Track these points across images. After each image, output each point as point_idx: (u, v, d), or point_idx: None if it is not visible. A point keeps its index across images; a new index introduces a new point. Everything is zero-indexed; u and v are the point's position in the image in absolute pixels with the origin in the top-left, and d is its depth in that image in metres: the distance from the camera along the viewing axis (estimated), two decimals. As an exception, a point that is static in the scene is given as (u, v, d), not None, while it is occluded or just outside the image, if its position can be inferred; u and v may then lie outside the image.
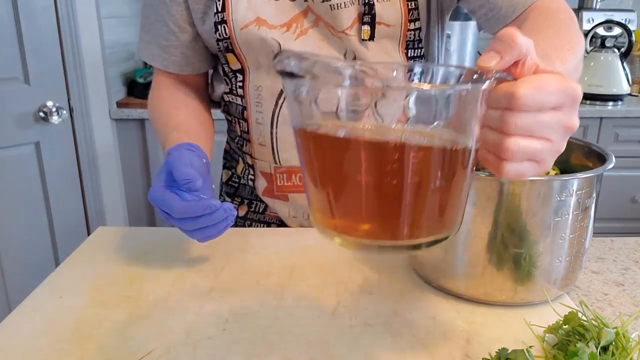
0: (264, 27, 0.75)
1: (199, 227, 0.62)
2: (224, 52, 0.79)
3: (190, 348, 0.54)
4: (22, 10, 1.55)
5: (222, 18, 0.76)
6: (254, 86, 0.79)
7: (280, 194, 0.85)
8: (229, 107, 0.86)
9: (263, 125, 0.81)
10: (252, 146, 0.84)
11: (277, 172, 0.83)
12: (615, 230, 2.14)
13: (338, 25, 0.76)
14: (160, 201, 0.62)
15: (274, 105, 0.79)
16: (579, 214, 0.57)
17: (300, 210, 0.86)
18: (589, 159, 0.66)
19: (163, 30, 0.82)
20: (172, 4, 0.79)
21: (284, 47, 0.75)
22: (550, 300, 0.58)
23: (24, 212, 1.67)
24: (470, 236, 0.58)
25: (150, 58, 0.85)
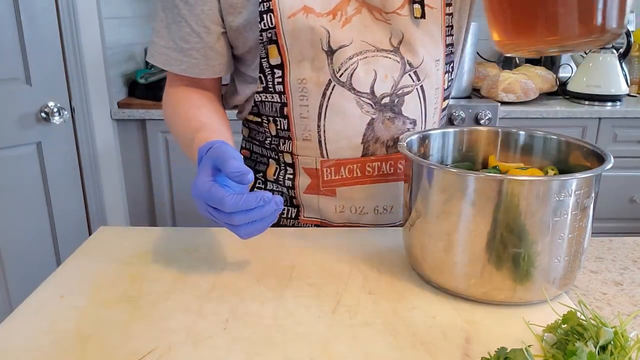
0: (311, 15, 0.75)
1: (248, 222, 0.60)
2: (266, 44, 0.77)
3: (190, 347, 0.54)
4: (23, 11, 1.56)
5: (268, 7, 0.74)
6: (296, 80, 0.78)
7: (326, 189, 0.84)
8: (261, 107, 0.84)
9: (308, 119, 0.80)
10: (293, 143, 0.83)
11: (323, 166, 0.82)
12: (614, 230, 2.14)
13: (389, 6, 0.77)
14: (207, 196, 0.60)
15: (321, 97, 0.78)
16: (577, 214, 0.57)
17: (348, 204, 0.84)
18: (587, 159, 0.66)
19: (184, 32, 0.80)
20: (198, 2, 0.78)
21: (332, 35, 0.75)
22: (549, 300, 0.58)
23: (25, 212, 1.68)
24: (469, 236, 0.59)
25: (165, 63, 0.83)
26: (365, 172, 0.82)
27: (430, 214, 0.62)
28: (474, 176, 0.57)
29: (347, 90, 0.78)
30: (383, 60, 0.78)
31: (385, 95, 0.79)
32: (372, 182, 0.83)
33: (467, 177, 0.58)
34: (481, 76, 2.20)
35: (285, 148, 0.84)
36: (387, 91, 0.79)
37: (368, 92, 0.78)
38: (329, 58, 0.76)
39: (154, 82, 2.05)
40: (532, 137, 0.74)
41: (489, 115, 1.97)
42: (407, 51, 0.79)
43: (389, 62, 0.78)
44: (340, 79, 0.77)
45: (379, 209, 0.85)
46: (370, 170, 0.82)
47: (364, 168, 0.82)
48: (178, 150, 2.03)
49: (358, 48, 0.77)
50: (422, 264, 0.65)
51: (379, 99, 0.79)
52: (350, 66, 0.77)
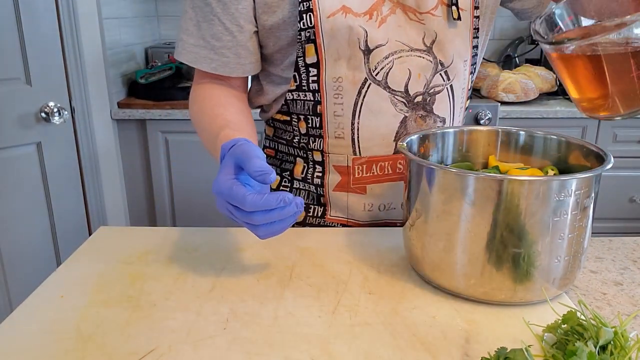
0: (350, 15, 0.76)
1: (268, 222, 0.60)
2: (304, 42, 0.78)
3: (191, 347, 0.54)
4: (23, 11, 1.56)
5: (308, 7, 0.75)
6: (332, 78, 0.79)
7: (356, 186, 0.85)
8: (293, 105, 0.85)
9: (342, 117, 0.81)
10: (325, 141, 0.84)
11: (355, 163, 0.83)
12: (614, 230, 2.15)
13: (423, 7, 0.78)
14: (228, 193, 0.59)
15: (357, 95, 0.79)
16: (577, 214, 0.57)
17: (377, 202, 0.86)
18: (587, 159, 0.66)
19: (216, 30, 0.80)
20: (232, 2, 0.78)
21: (369, 35, 0.77)
22: (549, 300, 0.58)
23: (25, 212, 1.68)
24: (469, 236, 0.59)
25: (194, 61, 0.83)
26: (396, 170, 0.84)
27: (430, 214, 0.62)
28: (474, 176, 0.58)
29: (382, 89, 0.79)
30: (417, 59, 0.79)
31: (418, 94, 0.81)
32: (401, 179, 0.85)
33: (467, 177, 0.58)
34: (481, 76, 2.20)
35: (316, 146, 0.85)
36: (420, 90, 0.81)
37: (402, 91, 0.80)
38: (365, 57, 0.78)
39: (154, 82, 2.05)
40: (532, 137, 0.74)
41: (489, 115, 1.97)
42: (439, 51, 0.80)
43: (422, 62, 0.80)
44: (377, 77, 0.79)
45: None
46: (400, 167, 0.84)
47: (395, 165, 0.84)
48: (178, 150, 2.04)
49: (393, 47, 0.78)
50: (422, 264, 0.65)
51: (412, 98, 0.81)
52: (386, 65, 0.78)
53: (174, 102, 2.00)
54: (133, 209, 2.15)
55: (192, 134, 2.00)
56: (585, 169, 0.65)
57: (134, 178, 2.11)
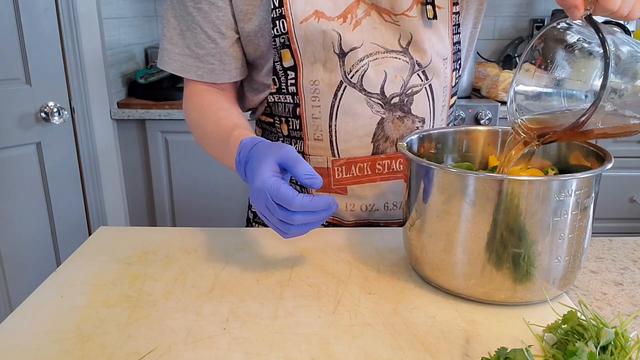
0: (323, 20, 0.76)
1: (304, 223, 0.61)
2: (279, 48, 0.79)
3: (190, 347, 0.54)
4: (23, 11, 1.56)
5: (280, 13, 0.76)
6: (309, 81, 0.79)
7: (337, 187, 0.85)
8: (275, 107, 0.85)
9: (320, 119, 0.81)
10: (305, 143, 0.84)
11: (334, 165, 0.84)
12: (614, 230, 2.15)
13: (398, 8, 0.78)
14: (275, 192, 0.60)
15: (333, 97, 0.80)
16: (577, 214, 0.57)
17: (358, 202, 0.86)
18: (587, 159, 0.66)
19: (199, 38, 0.81)
20: (212, 9, 0.79)
21: (343, 38, 0.77)
22: (549, 300, 0.58)
23: (25, 212, 1.68)
24: (469, 236, 0.59)
25: (181, 70, 0.84)
26: (376, 170, 0.84)
27: (430, 214, 0.62)
28: (474, 176, 0.57)
29: (357, 91, 0.79)
30: (393, 61, 0.79)
31: (395, 95, 0.80)
32: (382, 180, 0.84)
33: (467, 177, 0.58)
34: (481, 76, 2.20)
35: (297, 148, 0.85)
36: (396, 91, 0.80)
37: (378, 93, 0.80)
38: (340, 60, 0.78)
39: (153, 82, 2.05)
40: None
41: (489, 115, 1.97)
42: (416, 51, 0.80)
43: (399, 63, 0.79)
44: (352, 80, 0.78)
45: (389, 205, 0.86)
46: (380, 168, 0.84)
47: (374, 166, 0.83)
48: (178, 150, 2.03)
49: (368, 50, 0.78)
50: (422, 264, 0.65)
51: (389, 99, 0.80)
52: (361, 67, 0.78)
53: (173, 102, 2.00)
54: (133, 208, 2.15)
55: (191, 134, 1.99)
56: (586, 169, 0.65)
57: (133, 178, 2.11)
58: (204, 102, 0.85)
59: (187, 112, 0.89)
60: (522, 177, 0.57)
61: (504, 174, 0.63)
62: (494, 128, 0.76)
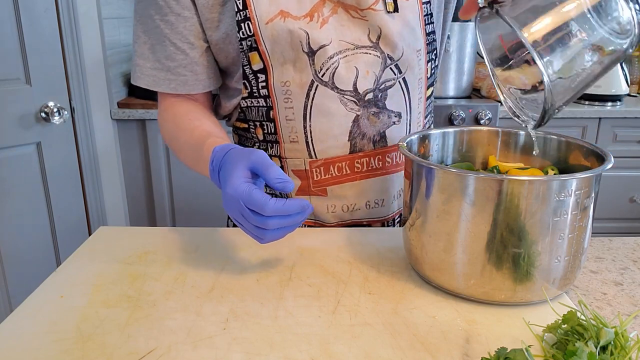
0: (289, 19, 0.75)
1: (279, 227, 0.61)
2: (247, 51, 0.78)
3: (190, 347, 0.54)
4: (23, 11, 1.56)
5: (245, 15, 0.75)
6: (280, 83, 0.79)
7: (317, 189, 0.84)
8: (248, 112, 0.85)
9: (294, 121, 0.80)
10: (281, 146, 0.83)
11: (312, 166, 0.83)
12: (614, 230, 2.15)
13: (363, 3, 0.77)
14: (248, 197, 0.59)
15: (305, 97, 0.79)
16: (577, 214, 0.57)
17: (339, 203, 0.85)
18: (587, 159, 0.66)
19: (169, 50, 0.81)
20: (179, 21, 0.79)
21: (311, 36, 0.76)
22: (549, 300, 0.58)
23: (25, 212, 1.68)
24: (469, 236, 0.59)
25: (154, 84, 0.83)
26: (355, 169, 0.83)
27: (430, 214, 0.62)
28: (474, 176, 0.57)
29: (329, 90, 0.78)
30: (363, 56, 0.78)
31: (369, 91, 0.80)
32: (361, 178, 0.83)
33: (467, 177, 0.58)
34: (481, 76, 2.20)
35: (273, 152, 0.85)
36: (369, 87, 0.79)
37: (351, 90, 0.79)
38: (310, 59, 0.77)
39: (153, 82, 2.05)
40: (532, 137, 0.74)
41: (489, 115, 1.97)
42: (387, 45, 0.79)
43: (370, 58, 0.79)
44: (323, 78, 0.78)
45: (371, 203, 0.85)
46: (359, 166, 0.83)
47: (353, 165, 0.83)
48: (178, 150, 2.03)
49: (338, 47, 0.77)
50: (422, 264, 0.65)
51: (362, 96, 0.79)
52: (332, 65, 0.77)
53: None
54: (133, 208, 2.15)
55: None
56: (586, 169, 0.65)
57: (133, 178, 2.11)
58: (178, 113, 0.84)
59: (161, 125, 0.88)
60: (522, 177, 0.57)
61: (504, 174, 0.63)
62: (494, 128, 0.76)
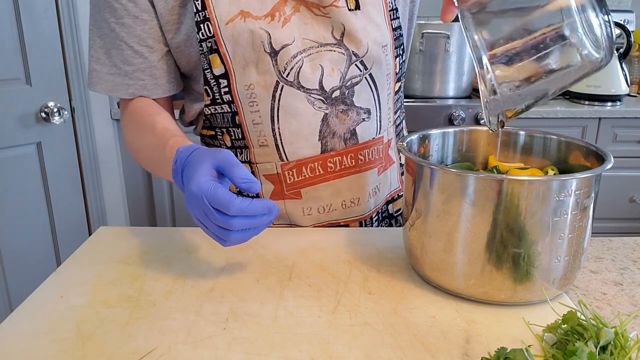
0: (249, 19, 0.74)
1: (244, 228, 0.60)
2: (207, 54, 0.76)
3: (190, 347, 0.54)
4: (23, 11, 1.56)
5: (204, 16, 0.74)
6: (243, 86, 0.77)
7: (291, 192, 0.83)
8: (213, 119, 0.83)
9: (262, 124, 0.79)
10: (251, 151, 0.82)
11: (284, 169, 0.81)
12: (614, 230, 2.15)
13: (325, 0, 0.76)
14: (212, 195, 0.57)
15: (271, 99, 0.77)
16: (577, 214, 0.57)
17: (315, 205, 0.83)
18: (587, 159, 0.66)
19: (126, 54, 0.79)
20: (137, 23, 0.77)
21: (273, 36, 0.75)
22: (549, 300, 0.58)
23: (25, 212, 1.68)
24: (469, 236, 0.59)
25: (112, 90, 0.81)
26: (327, 169, 0.82)
27: (430, 214, 0.62)
28: (474, 176, 0.57)
29: (295, 89, 0.77)
30: (328, 54, 0.78)
31: (335, 89, 0.79)
32: (335, 178, 0.82)
33: (467, 177, 0.58)
34: (481, 76, 2.20)
35: (243, 158, 0.83)
36: (336, 84, 0.79)
37: (317, 88, 0.78)
38: (273, 59, 0.76)
39: (153, 82, 2.05)
40: (532, 137, 0.74)
41: (489, 115, 1.97)
42: (351, 42, 0.78)
43: (334, 55, 0.78)
44: (287, 78, 0.77)
45: (347, 203, 0.84)
46: (332, 166, 0.82)
47: (325, 165, 0.81)
48: (178, 150, 2.03)
49: (301, 46, 0.76)
50: (422, 264, 0.65)
51: (329, 94, 0.79)
52: (296, 64, 0.76)
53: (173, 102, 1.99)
54: (133, 209, 2.15)
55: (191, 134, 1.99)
56: (586, 169, 0.65)
57: (133, 178, 2.11)
58: (136, 109, 0.82)
59: (123, 130, 0.87)
60: (522, 177, 0.57)
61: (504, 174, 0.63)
62: None
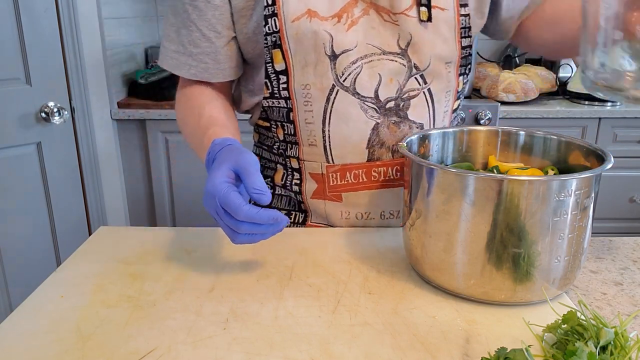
0: (315, 19, 0.74)
1: (251, 233, 0.61)
2: (270, 48, 0.77)
3: (190, 347, 0.54)
4: (23, 12, 1.56)
5: (272, 11, 0.74)
6: (300, 85, 0.78)
7: (332, 194, 0.83)
8: (270, 112, 0.84)
9: (313, 124, 0.80)
10: (300, 148, 0.83)
11: (329, 171, 0.82)
12: (614, 230, 2.15)
13: (397, 7, 0.76)
14: (224, 199, 0.60)
15: (325, 102, 0.78)
16: (577, 214, 0.57)
17: (354, 210, 0.84)
18: (587, 159, 0.66)
19: (194, 36, 0.80)
20: (209, 8, 0.78)
21: (335, 40, 0.75)
22: (549, 300, 0.58)
23: (25, 212, 1.67)
24: (469, 236, 0.59)
25: (175, 67, 0.83)
26: (371, 178, 0.82)
27: (430, 214, 0.62)
28: (474, 176, 0.57)
29: (350, 95, 0.77)
30: (388, 63, 0.77)
31: (390, 100, 0.78)
32: (378, 188, 0.82)
33: (467, 177, 0.58)
34: (481, 76, 2.20)
35: (292, 153, 0.84)
36: (391, 95, 0.78)
37: (372, 97, 0.78)
38: (332, 63, 0.76)
39: (154, 82, 2.05)
40: (532, 137, 0.74)
41: (489, 115, 1.97)
42: (414, 53, 0.78)
43: (395, 66, 0.77)
44: (344, 83, 0.77)
45: (386, 214, 0.84)
46: (376, 175, 0.81)
47: (370, 173, 0.81)
48: (178, 150, 2.03)
49: (363, 51, 0.76)
50: (422, 264, 0.65)
51: (384, 103, 0.78)
52: (354, 70, 0.76)
53: (173, 102, 1.95)
54: (133, 209, 2.15)
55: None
56: (585, 169, 0.65)
57: (133, 178, 2.11)
58: (190, 96, 0.85)
59: (176, 108, 0.89)
60: (522, 177, 0.57)
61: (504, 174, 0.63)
62: (494, 128, 0.76)
